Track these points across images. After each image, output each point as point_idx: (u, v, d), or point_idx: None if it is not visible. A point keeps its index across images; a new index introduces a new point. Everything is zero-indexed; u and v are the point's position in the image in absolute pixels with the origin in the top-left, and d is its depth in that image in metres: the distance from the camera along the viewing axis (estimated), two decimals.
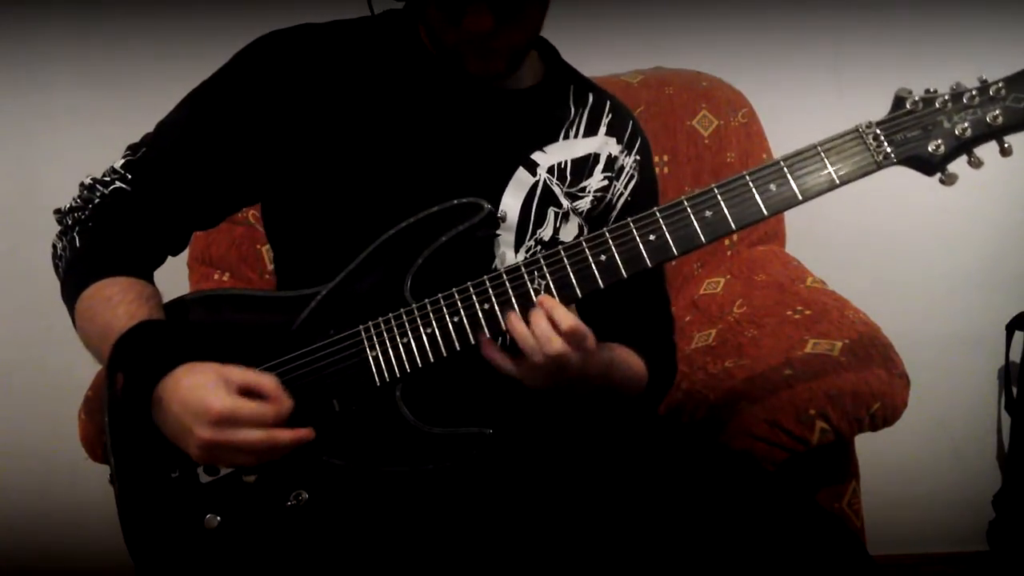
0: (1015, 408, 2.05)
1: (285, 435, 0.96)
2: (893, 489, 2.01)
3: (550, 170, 1.14)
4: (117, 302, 1.04)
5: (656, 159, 1.75)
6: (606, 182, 1.19)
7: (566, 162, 1.15)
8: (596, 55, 1.82)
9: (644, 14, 1.97)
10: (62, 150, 1.96)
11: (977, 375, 2.11)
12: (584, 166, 1.17)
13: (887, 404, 1.25)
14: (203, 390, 0.94)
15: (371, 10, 1.16)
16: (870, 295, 1.55)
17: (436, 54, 1.11)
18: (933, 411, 2.03)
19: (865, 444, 1.36)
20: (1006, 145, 0.99)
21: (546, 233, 1.13)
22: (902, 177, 1.02)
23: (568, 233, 1.15)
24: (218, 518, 1.01)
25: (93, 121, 1.95)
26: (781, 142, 1.73)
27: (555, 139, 1.16)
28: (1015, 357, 2.06)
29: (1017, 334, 2.04)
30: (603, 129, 1.20)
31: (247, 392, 0.96)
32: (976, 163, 1.00)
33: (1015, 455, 2.04)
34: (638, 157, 1.22)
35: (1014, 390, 2.06)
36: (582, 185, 1.17)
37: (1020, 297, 2.06)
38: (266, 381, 0.97)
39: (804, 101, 1.95)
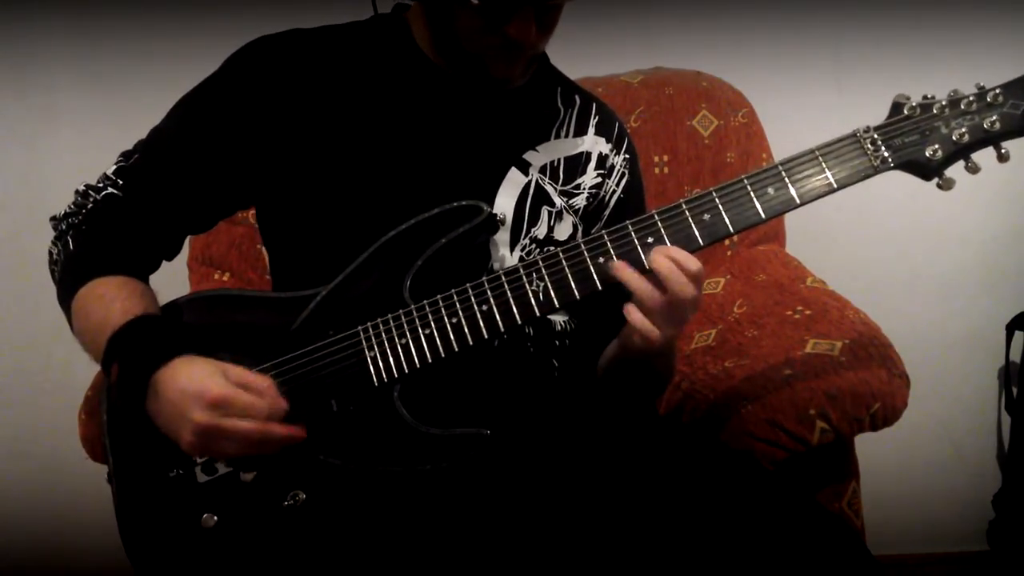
0: (1015, 408, 2.05)
1: (278, 430, 0.96)
2: (893, 489, 2.01)
3: (542, 169, 1.14)
4: (111, 299, 1.04)
5: (656, 159, 1.76)
6: (599, 179, 1.19)
7: (559, 160, 1.16)
8: (596, 55, 1.83)
9: (644, 14, 1.97)
10: (63, 151, 1.96)
11: (977, 375, 2.10)
12: (577, 164, 1.18)
13: (887, 404, 1.25)
14: (202, 376, 0.95)
15: (375, 9, 1.16)
16: (870, 295, 1.55)
17: (438, 60, 1.11)
18: (933, 411, 2.04)
19: (865, 444, 1.36)
20: (1003, 151, 0.99)
21: (541, 231, 1.14)
22: (902, 177, 1.02)
23: (562, 231, 1.15)
24: (215, 517, 1.02)
25: (94, 122, 1.95)
26: (781, 142, 1.73)
27: (547, 138, 1.16)
28: (1015, 357, 2.06)
29: (1017, 334, 2.04)
30: (592, 129, 1.21)
31: (243, 387, 0.96)
32: (973, 168, 1.00)
33: (1015, 455, 2.04)
34: (627, 156, 1.24)
35: (1014, 390, 2.06)
36: (577, 182, 1.17)
37: (1020, 297, 2.05)
38: (262, 380, 0.97)
39: (804, 101, 1.95)
